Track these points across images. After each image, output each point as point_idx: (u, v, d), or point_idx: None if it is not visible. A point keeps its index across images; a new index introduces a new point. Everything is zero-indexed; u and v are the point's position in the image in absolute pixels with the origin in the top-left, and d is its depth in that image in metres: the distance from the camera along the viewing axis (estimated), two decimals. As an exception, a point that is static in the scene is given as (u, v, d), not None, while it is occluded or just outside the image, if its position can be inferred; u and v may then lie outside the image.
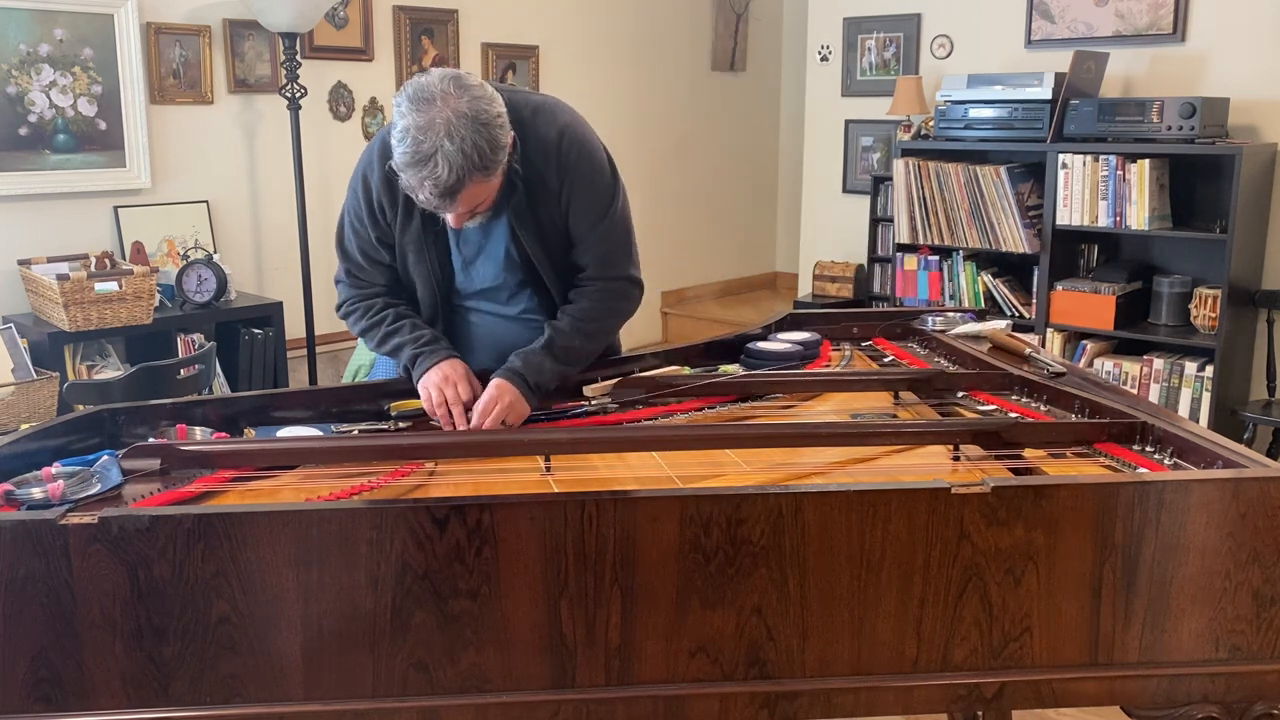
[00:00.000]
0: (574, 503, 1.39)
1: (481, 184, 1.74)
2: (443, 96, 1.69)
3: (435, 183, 1.69)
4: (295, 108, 4.10)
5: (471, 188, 1.73)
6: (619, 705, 1.43)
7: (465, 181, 1.70)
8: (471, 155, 1.68)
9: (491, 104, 1.72)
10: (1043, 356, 2.15)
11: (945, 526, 1.43)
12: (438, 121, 1.67)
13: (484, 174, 1.72)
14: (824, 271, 5.30)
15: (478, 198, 1.78)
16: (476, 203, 1.79)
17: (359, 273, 2.04)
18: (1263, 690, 1.51)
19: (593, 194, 1.94)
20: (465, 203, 1.76)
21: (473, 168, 1.69)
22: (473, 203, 1.78)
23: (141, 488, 1.55)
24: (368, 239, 2.00)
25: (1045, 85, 4.21)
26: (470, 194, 1.74)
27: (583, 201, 1.93)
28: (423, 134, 1.67)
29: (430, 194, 1.71)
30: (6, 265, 3.75)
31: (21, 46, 3.69)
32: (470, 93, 1.71)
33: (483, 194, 1.78)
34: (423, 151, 1.67)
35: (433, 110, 1.68)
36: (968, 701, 1.49)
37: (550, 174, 1.91)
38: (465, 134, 1.67)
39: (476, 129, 1.68)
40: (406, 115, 1.69)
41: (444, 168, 1.67)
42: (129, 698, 1.36)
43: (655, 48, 5.91)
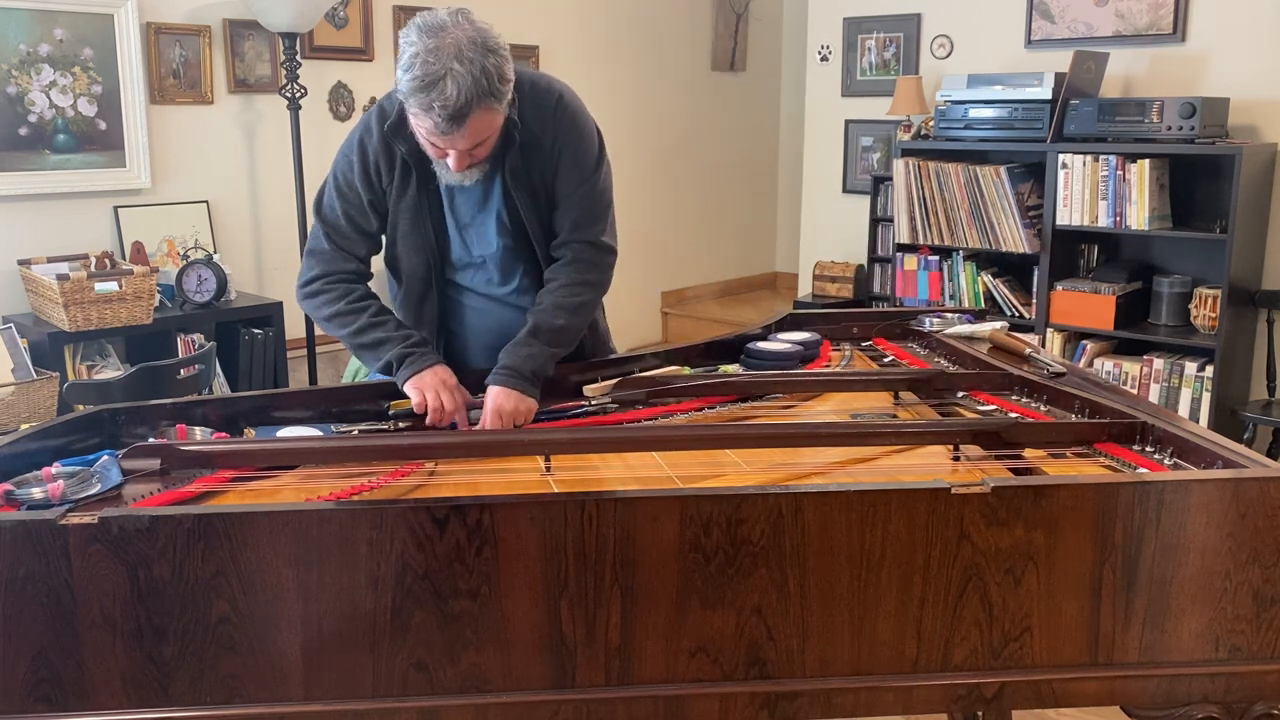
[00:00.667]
0: (574, 503, 1.39)
1: (487, 113, 1.76)
2: (453, 24, 1.74)
3: (444, 104, 1.71)
4: (295, 108, 4.10)
5: (478, 115, 1.74)
6: (619, 705, 1.43)
7: (473, 105, 1.72)
8: (480, 79, 1.71)
9: (499, 37, 1.77)
10: (1043, 356, 2.15)
11: (945, 526, 1.43)
12: (447, 43, 1.71)
13: (490, 100, 1.74)
14: (824, 271, 5.30)
15: (482, 131, 1.79)
16: (480, 138, 1.80)
17: (339, 239, 2.00)
18: (1263, 690, 1.51)
19: (579, 156, 1.99)
20: (471, 134, 1.77)
21: (481, 92, 1.72)
22: (477, 136, 1.79)
23: (141, 488, 1.55)
24: (358, 203, 1.98)
25: (1045, 85, 4.21)
26: (476, 123, 1.76)
27: (569, 161, 1.98)
28: (433, 56, 1.70)
29: (440, 116, 1.72)
30: (6, 265, 3.75)
31: (21, 46, 3.69)
32: (477, 24, 1.76)
33: (487, 128, 1.80)
34: (433, 73, 1.70)
35: (443, 35, 1.72)
36: (968, 701, 1.49)
37: (546, 134, 1.96)
38: (475, 57, 1.71)
39: (485, 54, 1.72)
40: (416, 42, 1.73)
41: (453, 89, 1.70)
42: (129, 698, 1.36)
43: (655, 48, 5.91)
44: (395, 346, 1.91)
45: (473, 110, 1.73)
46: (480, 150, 1.84)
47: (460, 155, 1.82)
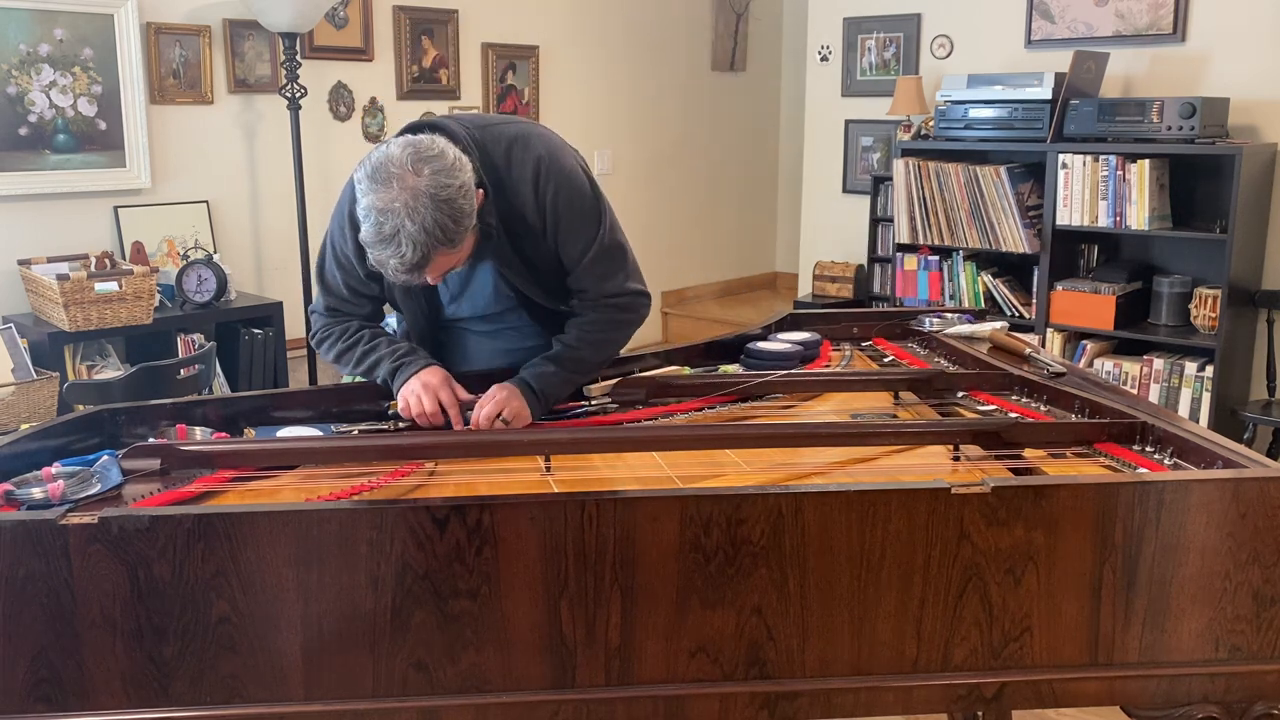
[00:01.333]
0: (574, 503, 1.39)
1: (448, 254, 1.73)
2: (399, 176, 1.66)
3: (401, 261, 1.68)
4: (295, 108, 4.10)
5: (438, 259, 1.72)
6: (619, 705, 1.43)
7: (431, 256, 1.69)
8: (434, 232, 1.66)
9: (452, 175, 1.69)
10: (1043, 356, 2.15)
11: (945, 526, 1.43)
12: (396, 206, 1.65)
13: (449, 246, 1.70)
14: (824, 271, 5.30)
15: (447, 265, 1.78)
16: (447, 268, 1.79)
17: (340, 305, 2.01)
18: (1263, 690, 1.51)
19: (578, 224, 1.93)
20: (435, 271, 1.76)
21: (436, 243, 1.68)
22: (443, 269, 1.78)
23: (141, 488, 1.55)
24: (355, 273, 1.97)
25: (1045, 85, 4.21)
26: (438, 264, 1.74)
27: (569, 234, 1.92)
28: (383, 216, 1.66)
29: (396, 270, 1.71)
30: (6, 265, 3.75)
31: (21, 46, 3.69)
32: (430, 165, 1.68)
33: (452, 260, 1.78)
34: (385, 233, 1.66)
35: (391, 191, 1.66)
36: (968, 701, 1.49)
37: (531, 213, 1.89)
38: (425, 213, 1.65)
39: (437, 206, 1.66)
40: (367, 194, 1.68)
41: (408, 247, 1.66)
42: (129, 698, 1.36)
43: (655, 48, 5.91)
44: (386, 363, 1.92)
45: (430, 260, 1.70)
46: (454, 267, 1.82)
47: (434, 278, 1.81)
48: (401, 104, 4.79)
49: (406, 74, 4.80)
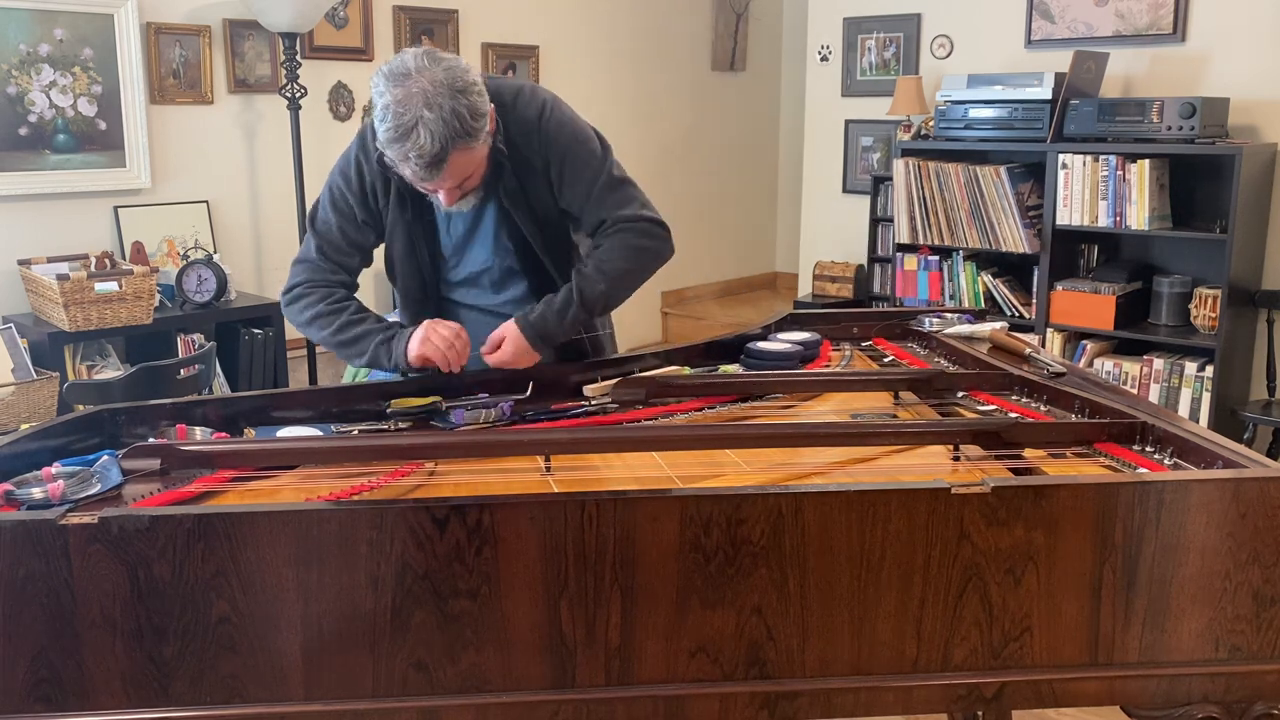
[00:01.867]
0: (574, 503, 1.39)
1: (466, 152, 1.74)
2: (417, 70, 1.70)
3: (420, 153, 1.70)
4: (295, 108, 4.11)
5: (456, 156, 1.73)
6: (619, 705, 1.43)
7: (449, 149, 1.71)
8: (452, 122, 1.69)
9: (466, 73, 1.74)
10: (1043, 356, 2.15)
11: (945, 526, 1.43)
12: (414, 92, 1.68)
13: (467, 140, 1.72)
14: (824, 271, 5.30)
15: (464, 169, 1.78)
16: (464, 175, 1.79)
17: (330, 250, 1.99)
18: (1263, 690, 1.51)
19: (581, 161, 1.95)
20: (452, 174, 1.76)
21: (454, 134, 1.70)
22: (460, 174, 1.78)
23: (141, 488, 1.55)
24: (353, 218, 1.97)
25: (1045, 85, 4.21)
26: (456, 164, 1.74)
27: (574, 172, 1.94)
28: (402, 107, 1.69)
29: (416, 166, 1.72)
30: (6, 265, 3.75)
31: (21, 46, 3.69)
32: (444, 64, 1.72)
33: (469, 165, 1.78)
34: (404, 124, 1.69)
35: (409, 83, 1.69)
36: (968, 701, 1.49)
37: (535, 154, 1.91)
38: (444, 102, 1.69)
39: (454, 96, 1.70)
40: (385, 93, 1.71)
41: (426, 137, 1.68)
42: (129, 698, 1.36)
43: (655, 48, 5.91)
44: (375, 336, 1.91)
45: (449, 154, 1.72)
46: (470, 182, 1.84)
47: (448, 192, 1.82)
48: (401, 104, 4.79)
49: (406, 74, 4.80)
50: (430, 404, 1.91)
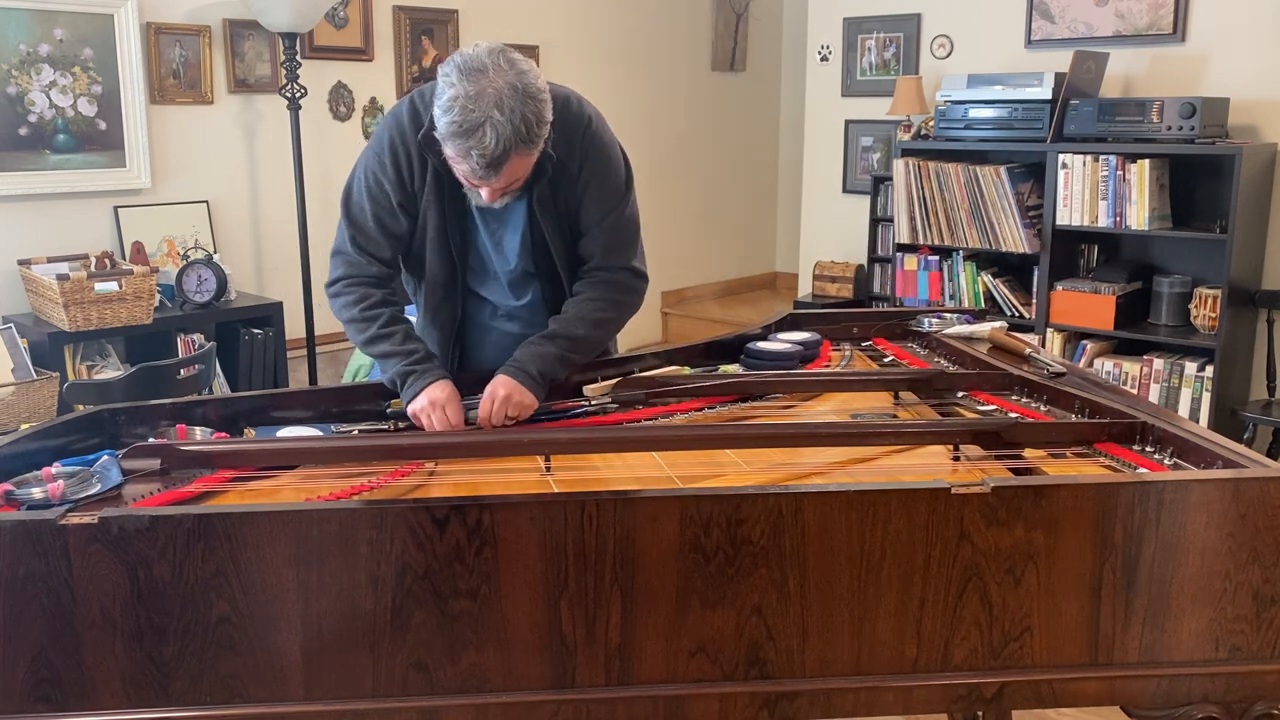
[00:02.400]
0: (574, 503, 1.39)
1: (524, 158, 1.77)
2: (494, 69, 1.71)
3: (482, 153, 1.71)
4: (295, 108, 4.10)
5: (515, 160, 1.75)
6: (619, 705, 1.43)
7: (510, 153, 1.72)
8: (519, 127, 1.71)
9: (537, 79, 1.76)
10: (1043, 356, 2.15)
11: (945, 526, 1.43)
12: (488, 92, 1.70)
13: (528, 147, 1.75)
14: (824, 271, 5.30)
15: (517, 172, 1.80)
16: (515, 178, 1.81)
17: (364, 242, 1.98)
18: (1263, 690, 1.51)
19: (605, 185, 1.98)
20: (506, 176, 1.78)
21: (519, 140, 1.72)
22: (512, 177, 1.80)
23: (141, 488, 1.55)
24: (388, 205, 1.96)
25: (1045, 85, 4.21)
26: (512, 167, 1.76)
27: (596, 190, 1.97)
28: (472, 103, 1.69)
29: (477, 164, 1.73)
30: (6, 265, 3.75)
31: (21, 46, 3.69)
32: (517, 66, 1.74)
33: (522, 169, 1.80)
34: (471, 120, 1.70)
35: (483, 81, 1.70)
36: (968, 701, 1.49)
37: (574, 159, 1.94)
38: (514, 106, 1.70)
39: (525, 101, 1.71)
40: (456, 85, 1.71)
41: (491, 138, 1.70)
42: (129, 698, 1.36)
43: (655, 48, 5.91)
44: (398, 363, 1.89)
45: (510, 157, 1.73)
46: (515, 185, 1.85)
47: (493, 190, 1.82)
48: (401, 104, 4.79)
49: (406, 74, 4.80)
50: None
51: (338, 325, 2.03)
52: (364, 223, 1.98)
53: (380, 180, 1.96)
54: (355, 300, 1.96)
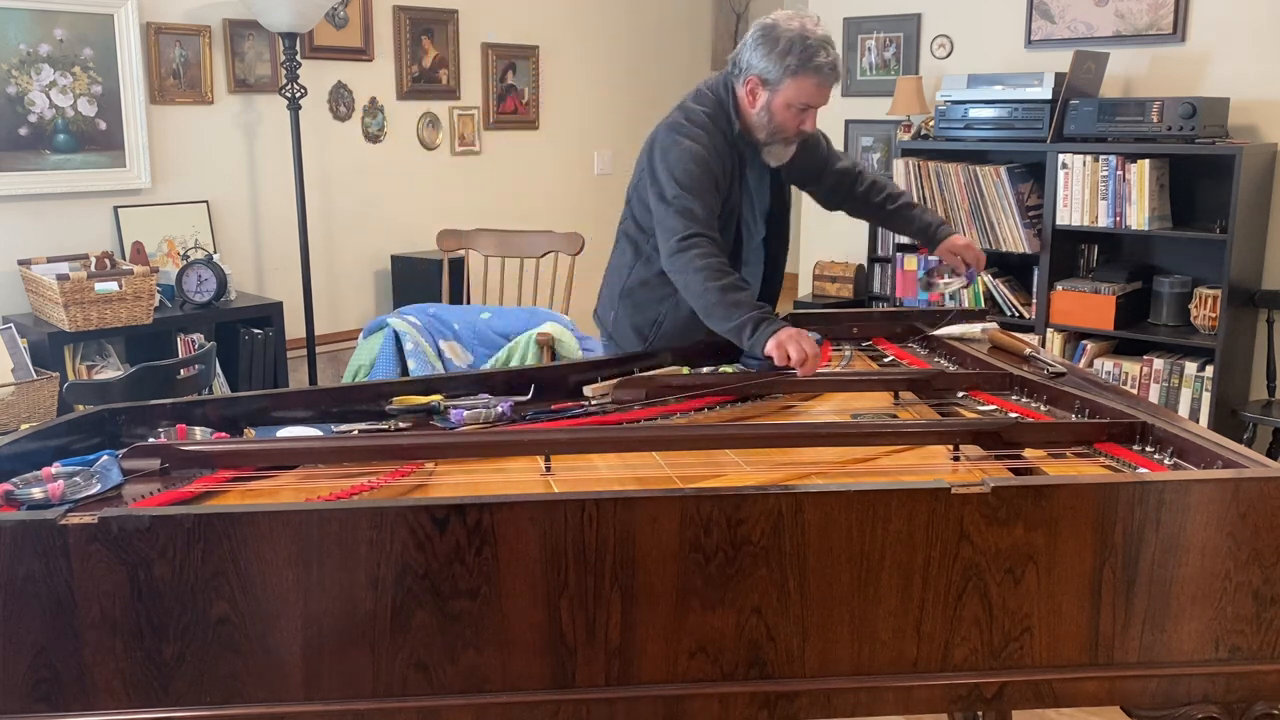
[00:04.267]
0: (574, 503, 1.39)
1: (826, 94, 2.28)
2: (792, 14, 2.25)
3: (831, 61, 2.20)
4: (295, 108, 4.10)
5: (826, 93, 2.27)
6: (619, 705, 1.43)
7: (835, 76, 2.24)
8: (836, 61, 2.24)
9: None
10: (1043, 356, 2.15)
11: (945, 526, 1.43)
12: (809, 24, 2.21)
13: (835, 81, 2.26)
14: (824, 271, 5.30)
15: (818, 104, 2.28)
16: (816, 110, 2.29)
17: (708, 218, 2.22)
18: (1263, 690, 1.51)
19: None
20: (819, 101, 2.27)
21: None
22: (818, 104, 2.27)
23: (141, 488, 1.55)
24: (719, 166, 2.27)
25: (1045, 85, 4.21)
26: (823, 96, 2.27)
27: None
28: (807, 32, 2.19)
29: (829, 72, 2.20)
30: (6, 265, 3.75)
31: (21, 46, 3.69)
32: None
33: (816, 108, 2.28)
34: (818, 39, 2.19)
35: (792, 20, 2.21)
36: (968, 701, 1.49)
37: None
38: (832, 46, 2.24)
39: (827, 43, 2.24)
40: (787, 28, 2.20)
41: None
42: (129, 697, 1.37)
43: (655, 48, 5.91)
44: (748, 311, 2.10)
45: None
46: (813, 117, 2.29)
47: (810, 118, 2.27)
48: (401, 104, 4.79)
49: (406, 74, 4.80)
50: (430, 403, 1.91)
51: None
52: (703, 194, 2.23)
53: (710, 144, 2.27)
54: (715, 252, 2.18)
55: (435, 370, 3.56)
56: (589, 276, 5.14)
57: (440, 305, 3.96)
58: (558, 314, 3.82)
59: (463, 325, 3.77)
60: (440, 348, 3.68)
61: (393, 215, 4.78)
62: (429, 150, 4.93)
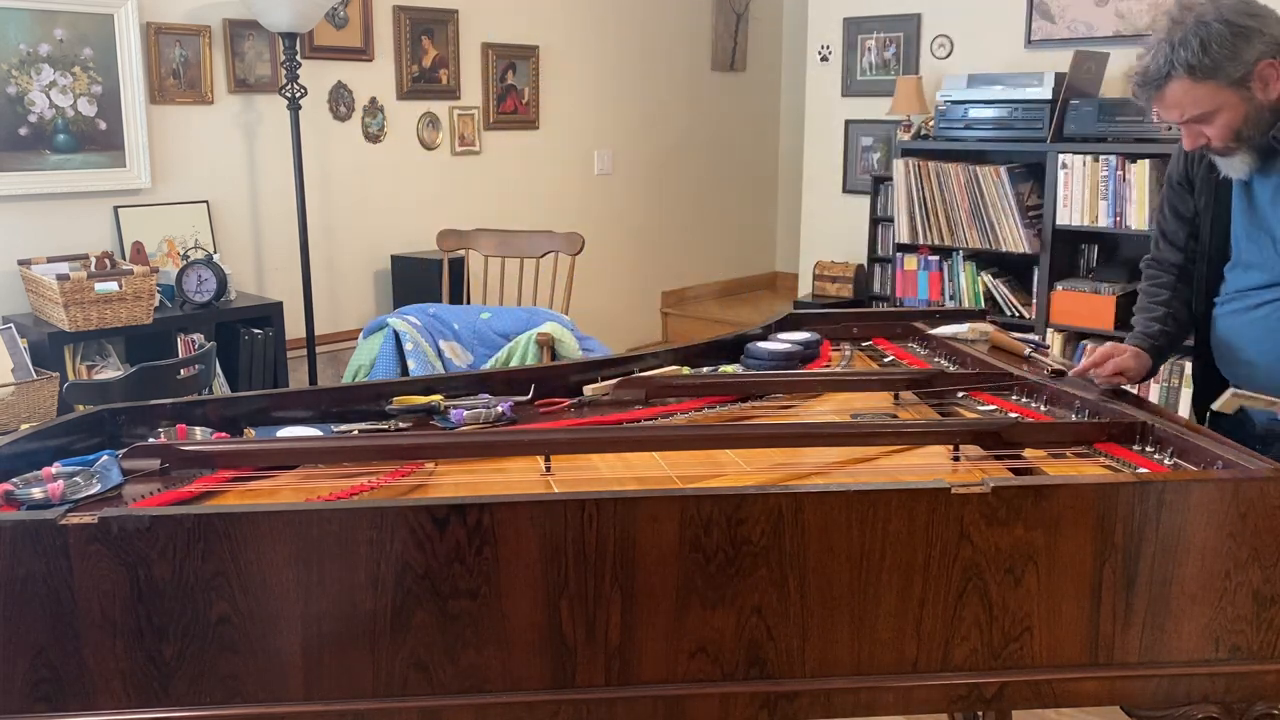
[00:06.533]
0: (574, 503, 1.39)
1: (1183, 85, 1.66)
2: None
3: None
4: (295, 108, 4.10)
5: (1173, 85, 1.66)
6: (619, 705, 1.43)
7: (1165, 77, 1.66)
8: (1177, 49, 1.62)
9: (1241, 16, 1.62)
10: (1042, 356, 2.15)
11: (945, 526, 1.43)
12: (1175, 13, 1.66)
13: (1185, 72, 1.64)
14: (824, 271, 5.30)
15: (1182, 104, 1.69)
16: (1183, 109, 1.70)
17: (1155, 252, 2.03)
18: (1263, 690, 1.51)
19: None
20: (1169, 105, 1.70)
21: (1174, 63, 1.63)
22: (1178, 107, 1.70)
23: (141, 488, 1.55)
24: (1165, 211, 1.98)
25: (1045, 85, 4.21)
26: (1172, 95, 1.68)
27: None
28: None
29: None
30: (6, 265, 3.75)
31: (21, 46, 3.69)
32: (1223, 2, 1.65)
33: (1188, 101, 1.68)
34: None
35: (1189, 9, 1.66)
36: (968, 701, 1.49)
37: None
38: (1189, 29, 1.62)
39: (1198, 29, 1.61)
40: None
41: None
42: (129, 697, 1.36)
43: (655, 48, 5.91)
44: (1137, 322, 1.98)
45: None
46: (1211, 130, 1.71)
47: (1185, 131, 1.74)
48: (401, 104, 4.79)
49: (406, 74, 4.80)
50: (430, 403, 1.91)
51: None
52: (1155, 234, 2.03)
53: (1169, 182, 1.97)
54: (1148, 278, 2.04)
55: (435, 370, 3.56)
56: (589, 276, 5.16)
57: (440, 305, 3.96)
58: (558, 314, 3.82)
59: (463, 325, 3.77)
60: (440, 348, 3.68)
61: (393, 215, 4.78)
62: (429, 150, 4.93)
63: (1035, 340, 2.35)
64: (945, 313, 2.52)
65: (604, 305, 5.52)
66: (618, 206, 5.75)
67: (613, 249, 5.64)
